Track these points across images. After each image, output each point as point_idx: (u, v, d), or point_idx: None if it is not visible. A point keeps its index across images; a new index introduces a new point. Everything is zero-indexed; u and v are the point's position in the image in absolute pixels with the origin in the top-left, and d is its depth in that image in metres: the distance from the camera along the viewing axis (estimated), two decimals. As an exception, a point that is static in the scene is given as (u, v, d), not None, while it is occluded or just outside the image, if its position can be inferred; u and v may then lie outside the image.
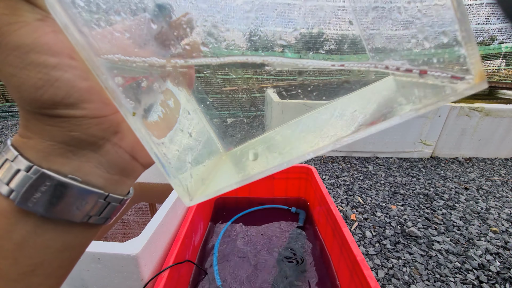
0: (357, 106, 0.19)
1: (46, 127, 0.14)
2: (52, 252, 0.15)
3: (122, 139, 0.16)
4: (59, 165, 0.14)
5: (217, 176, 0.21)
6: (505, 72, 3.21)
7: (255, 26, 0.20)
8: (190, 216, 0.68)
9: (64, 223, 0.15)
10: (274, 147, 0.20)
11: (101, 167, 0.16)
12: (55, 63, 0.13)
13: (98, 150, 0.15)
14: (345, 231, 0.61)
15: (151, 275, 0.51)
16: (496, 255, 0.90)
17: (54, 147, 0.14)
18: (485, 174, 1.54)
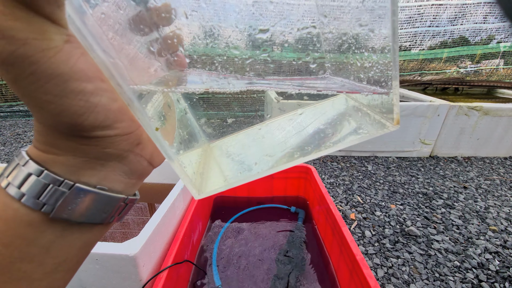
0: (315, 125, 0.24)
1: (81, 146, 0.15)
2: (74, 250, 0.16)
3: (143, 149, 0.18)
4: (88, 177, 0.15)
5: (216, 171, 0.23)
6: (504, 72, 3.21)
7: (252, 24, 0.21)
8: (189, 216, 0.68)
9: (88, 225, 0.16)
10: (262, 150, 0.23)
11: (124, 174, 0.17)
12: (92, 90, 0.13)
13: (123, 160, 0.17)
14: (344, 231, 0.61)
15: (150, 276, 0.51)
16: (495, 254, 0.90)
17: (85, 162, 0.15)
18: (484, 173, 1.54)
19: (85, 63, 0.13)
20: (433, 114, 1.64)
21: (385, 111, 0.19)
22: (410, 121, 1.64)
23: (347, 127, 0.21)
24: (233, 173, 0.22)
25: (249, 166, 0.22)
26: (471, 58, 3.07)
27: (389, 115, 0.18)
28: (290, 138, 0.23)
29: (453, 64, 3.10)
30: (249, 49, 0.22)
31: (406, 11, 2.66)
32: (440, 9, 2.70)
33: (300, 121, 0.24)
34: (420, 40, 2.86)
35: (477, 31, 2.80)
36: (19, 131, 2.34)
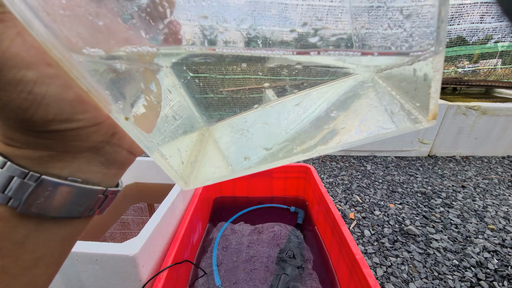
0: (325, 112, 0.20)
1: (41, 140, 0.13)
2: (53, 244, 0.15)
3: (121, 139, 0.16)
4: (58, 169, 0.14)
5: (207, 162, 0.20)
6: (501, 71, 3.23)
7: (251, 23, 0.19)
8: (189, 216, 0.68)
9: (65, 218, 0.15)
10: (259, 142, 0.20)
11: (101, 165, 0.16)
12: (35, 77, 0.11)
13: (98, 151, 0.15)
14: (344, 230, 0.61)
15: (150, 276, 0.51)
16: (493, 252, 0.91)
17: (52, 155, 0.14)
18: (482, 173, 1.55)
19: (23, 45, 0.11)
20: (432, 113, 1.64)
21: (418, 102, 0.15)
22: (408, 120, 1.64)
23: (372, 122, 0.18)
24: (225, 166, 0.20)
25: (243, 160, 0.20)
26: (468, 58, 3.08)
27: (424, 106, 0.15)
28: (293, 128, 0.20)
29: (451, 64, 3.11)
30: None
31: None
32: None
33: (308, 105, 0.21)
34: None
35: (474, 30, 2.81)
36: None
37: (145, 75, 0.17)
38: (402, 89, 0.17)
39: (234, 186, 0.98)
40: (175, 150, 0.19)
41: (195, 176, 0.19)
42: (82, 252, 0.46)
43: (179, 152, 0.19)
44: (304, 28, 0.18)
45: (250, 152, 0.20)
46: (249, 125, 0.22)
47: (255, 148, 0.20)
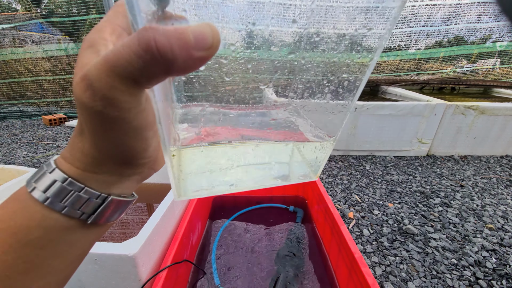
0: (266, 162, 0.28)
1: (122, 169, 0.18)
2: (91, 243, 0.19)
3: (155, 164, 0.21)
4: (115, 189, 0.18)
5: (193, 177, 0.25)
6: (500, 71, 3.24)
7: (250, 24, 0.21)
8: (188, 215, 0.68)
9: (104, 225, 0.19)
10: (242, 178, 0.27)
11: (136, 182, 0.20)
12: (152, 135, 0.17)
13: (140, 174, 0.20)
14: (343, 229, 0.61)
15: (149, 276, 0.51)
16: (492, 251, 0.91)
17: (118, 179, 0.18)
18: (480, 172, 1.55)
19: (152, 116, 0.16)
20: (430, 113, 1.65)
21: (313, 167, 0.25)
22: (407, 120, 1.65)
23: (285, 171, 0.27)
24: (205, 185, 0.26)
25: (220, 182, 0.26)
26: (467, 58, 3.09)
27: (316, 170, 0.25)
28: (250, 168, 0.27)
29: (449, 64, 3.12)
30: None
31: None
32: (434, 9, 2.73)
33: (258, 154, 0.28)
34: (415, 39, 2.89)
35: (471, 30, 2.82)
36: (16, 132, 2.32)
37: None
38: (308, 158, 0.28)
39: (234, 186, 0.98)
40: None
41: (184, 186, 0.23)
42: (82, 252, 0.46)
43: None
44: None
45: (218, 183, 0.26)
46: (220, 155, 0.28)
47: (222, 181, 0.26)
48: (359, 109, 1.61)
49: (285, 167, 0.28)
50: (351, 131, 1.68)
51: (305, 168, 0.27)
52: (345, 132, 1.68)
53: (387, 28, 0.18)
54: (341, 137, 1.70)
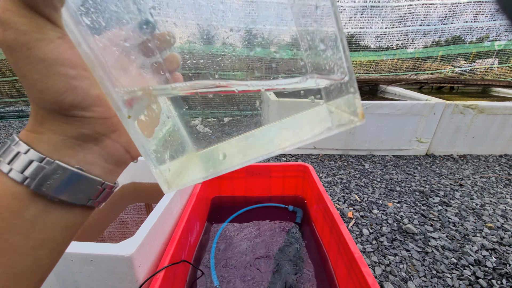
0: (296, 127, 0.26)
1: (62, 124, 0.17)
2: (57, 228, 0.18)
3: (120, 136, 0.20)
4: (68, 157, 0.18)
5: (190, 170, 0.24)
6: (498, 70, 3.25)
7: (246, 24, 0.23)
8: (186, 215, 0.67)
9: (68, 204, 0.18)
10: (238, 150, 0.25)
11: (101, 158, 0.19)
12: (74, 74, 0.16)
13: (99, 144, 0.19)
14: (342, 229, 0.61)
15: (146, 276, 0.50)
16: (492, 250, 0.91)
17: (65, 141, 0.17)
18: (480, 171, 1.55)
19: (72, 55, 0.16)
20: (429, 112, 1.65)
21: (350, 111, 0.22)
22: (406, 119, 1.64)
23: (319, 126, 0.24)
24: (203, 167, 0.25)
25: (220, 160, 0.24)
26: (465, 58, 3.10)
27: (355, 112, 0.21)
28: (266, 135, 0.25)
29: (447, 63, 3.13)
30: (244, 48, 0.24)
31: (397, 10, 2.69)
32: (431, 8, 2.73)
33: (278, 124, 0.27)
34: (411, 38, 2.89)
35: (468, 29, 2.83)
36: (13, 132, 2.31)
37: (150, 97, 0.22)
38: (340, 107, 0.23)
39: (232, 185, 0.98)
40: (164, 158, 0.22)
41: (180, 179, 0.22)
42: (77, 253, 0.45)
43: (168, 160, 0.23)
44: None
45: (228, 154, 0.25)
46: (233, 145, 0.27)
47: (233, 152, 0.25)
48: (358, 109, 1.61)
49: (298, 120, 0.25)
50: (350, 130, 1.67)
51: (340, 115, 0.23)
52: (344, 131, 1.68)
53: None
54: (340, 137, 1.70)
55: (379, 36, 2.86)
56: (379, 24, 2.78)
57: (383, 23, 2.78)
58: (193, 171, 0.24)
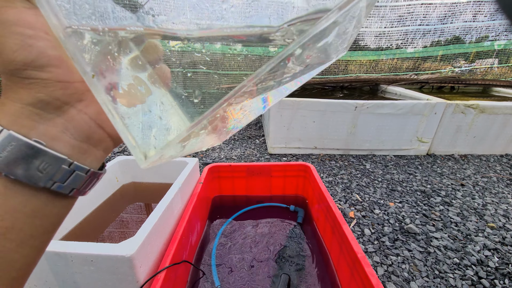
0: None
1: (18, 89, 0.15)
2: (21, 216, 0.16)
3: (87, 106, 0.18)
4: (27, 129, 0.15)
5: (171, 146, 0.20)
6: (498, 70, 3.25)
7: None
8: (187, 215, 0.67)
9: (31, 187, 0.16)
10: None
11: (68, 132, 0.17)
12: (31, 34, 0.15)
13: (63, 114, 0.17)
14: (345, 228, 0.60)
15: (147, 277, 0.50)
16: (494, 250, 0.91)
17: (22, 109, 0.15)
18: (481, 171, 1.55)
19: (34, 18, 0.15)
20: (430, 112, 1.64)
21: None
22: (407, 119, 1.64)
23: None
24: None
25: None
26: (465, 58, 3.09)
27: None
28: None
29: (447, 63, 3.12)
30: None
31: (396, 10, 2.69)
32: (430, 8, 2.74)
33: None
34: (411, 38, 2.90)
35: (467, 29, 2.83)
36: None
37: (136, 80, 0.19)
38: None
39: (233, 185, 0.97)
40: (147, 134, 0.19)
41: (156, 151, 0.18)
42: (77, 253, 0.45)
43: (152, 137, 0.19)
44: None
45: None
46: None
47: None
48: (359, 108, 1.60)
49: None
50: (351, 130, 1.67)
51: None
52: (345, 131, 1.67)
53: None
54: (340, 136, 1.69)
55: (378, 35, 2.86)
56: (378, 23, 2.79)
57: (381, 22, 2.78)
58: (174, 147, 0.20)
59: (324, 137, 1.70)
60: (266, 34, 0.21)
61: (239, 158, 1.64)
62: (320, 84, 2.64)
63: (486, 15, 2.75)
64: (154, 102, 0.21)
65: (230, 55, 0.24)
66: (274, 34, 0.21)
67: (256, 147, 1.83)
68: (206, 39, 0.22)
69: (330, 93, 2.59)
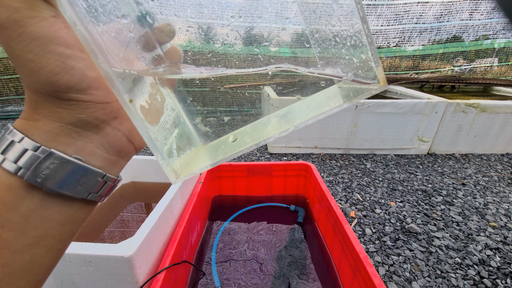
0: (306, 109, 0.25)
1: (57, 109, 0.16)
2: (55, 225, 0.17)
3: (121, 124, 0.19)
4: (65, 146, 0.16)
5: (199, 159, 0.23)
6: (498, 69, 3.24)
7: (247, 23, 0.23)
8: (187, 215, 0.66)
9: (67, 198, 0.17)
10: (246, 135, 0.24)
11: (102, 147, 0.18)
12: (70, 54, 0.15)
13: (100, 132, 0.18)
14: (346, 228, 0.60)
15: (147, 278, 0.49)
16: (496, 250, 0.90)
17: (61, 128, 0.16)
18: (482, 170, 1.54)
19: (67, 34, 0.15)
20: (431, 111, 1.63)
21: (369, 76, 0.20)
22: (408, 118, 1.63)
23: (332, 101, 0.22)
24: (214, 154, 0.24)
25: (229, 143, 0.24)
26: (464, 57, 3.09)
27: (372, 76, 0.20)
28: (273, 119, 0.25)
29: (446, 62, 3.12)
30: (244, 46, 0.24)
31: (392, 8, 2.69)
32: (426, 6, 2.74)
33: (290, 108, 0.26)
34: (408, 36, 2.90)
35: (464, 27, 2.83)
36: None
37: (153, 87, 0.21)
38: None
39: (234, 184, 0.97)
40: (171, 147, 0.21)
41: (188, 170, 0.21)
42: (76, 253, 0.44)
43: (175, 150, 0.22)
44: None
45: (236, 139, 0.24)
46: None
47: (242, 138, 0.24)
48: (360, 107, 1.60)
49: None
50: (351, 129, 1.66)
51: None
52: (345, 130, 1.67)
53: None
54: (341, 136, 1.68)
55: (375, 33, 2.86)
56: (375, 21, 2.79)
57: (378, 20, 2.79)
58: (202, 160, 0.23)
59: (324, 137, 1.69)
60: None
61: (239, 157, 1.63)
62: (320, 83, 2.63)
63: (482, 13, 2.75)
64: (166, 111, 0.23)
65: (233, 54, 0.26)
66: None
67: (256, 147, 1.82)
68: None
69: (330, 92, 2.58)
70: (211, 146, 0.26)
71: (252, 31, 0.24)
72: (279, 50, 0.27)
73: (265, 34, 0.25)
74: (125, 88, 0.17)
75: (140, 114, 0.17)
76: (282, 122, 0.23)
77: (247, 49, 0.25)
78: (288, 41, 0.25)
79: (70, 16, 0.14)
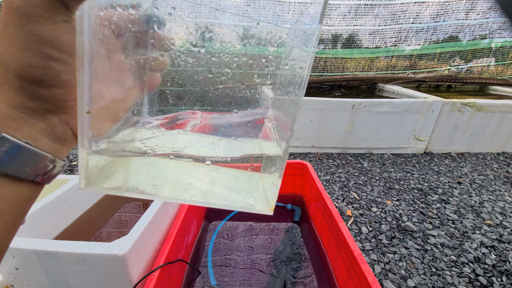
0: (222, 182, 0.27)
1: (9, 90, 0.16)
2: (9, 202, 0.18)
3: (70, 119, 0.20)
4: (13, 130, 0.17)
5: (116, 175, 0.23)
6: (495, 69, 3.26)
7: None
8: (183, 214, 0.66)
9: (18, 179, 0.18)
10: (169, 186, 0.25)
11: (47, 135, 0.19)
12: (57, 57, 0.16)
13: (46, 120, 0.18)
14: (341, 226, 0.60)
15: (141, 276, 0.49)
16: (491, 248, 0.91)
17: (8, 111, 0.16)
18: (478, 169, 1.55)
19: (68, 40, 0.16)
20: (427, 110, 1.64)
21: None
22: (404, 117, 1.64)
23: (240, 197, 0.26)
24: (131, 182, 0.24)
25: (156, 186, 0.24)
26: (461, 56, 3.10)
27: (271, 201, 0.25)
28: (197, 182, 0.26)
29: (442, 62, 3.13)
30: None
31: (389, 8, 2.71)
32: (423, 6, 2.75)
33: (214, 174, 0.28)
34: (405, 36, 2.91)
35: (459, 27, 2.85)
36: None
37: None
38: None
39: (230, 184, 0.96)
40: (100, 149, 0.21)
41: (98, 181, 0.21)
42: (69, 252, 0.44)
43: (100, 158, 0.22)
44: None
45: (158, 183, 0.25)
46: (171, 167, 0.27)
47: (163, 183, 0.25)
48: (357, 107, 1.60)
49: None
50: (348, 128, 1.67)
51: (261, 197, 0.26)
52: (342, 130, 1.67)
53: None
54: (338, 135, 1.69)
55: (372, 33, 2.87)
56: (372, 21, 2.80)
57: (375, 20, 2.80)
58: (117, 177, 0.23)
59: (321, 136, 1.69)
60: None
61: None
62: (317, 83, 2.64)
63: (478, 13, 2.77)
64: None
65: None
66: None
67: (253, 146, 1.82)
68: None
69: (328, 92, 2.59)
70: (138, 165, 0.26)
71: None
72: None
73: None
74: (89, 109, 0.17)
75: (87, 122, 0.18)
76: (203, 194, 0.24)
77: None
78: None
79: (81, 24, 0.15)
